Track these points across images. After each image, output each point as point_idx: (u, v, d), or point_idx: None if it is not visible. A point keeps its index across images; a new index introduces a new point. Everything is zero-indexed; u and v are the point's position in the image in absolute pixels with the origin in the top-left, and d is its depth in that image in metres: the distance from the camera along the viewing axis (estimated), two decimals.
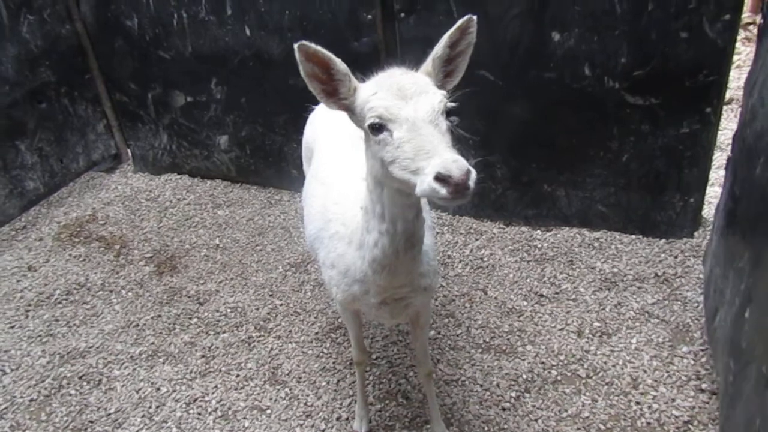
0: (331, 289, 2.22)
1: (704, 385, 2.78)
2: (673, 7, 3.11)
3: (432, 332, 3.22)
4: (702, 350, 2.96)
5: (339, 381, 3.05)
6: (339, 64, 1.70)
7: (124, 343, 3.40)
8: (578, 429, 2.67)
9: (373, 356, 3.16)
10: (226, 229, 4.33)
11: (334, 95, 1.75)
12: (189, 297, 3.70)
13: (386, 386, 2.99)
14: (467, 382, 2.95)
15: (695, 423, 2.63)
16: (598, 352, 3.03)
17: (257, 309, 3.55)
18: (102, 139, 5.12)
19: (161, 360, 3.27)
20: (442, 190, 1.46)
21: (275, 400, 2.97)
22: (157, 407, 2.99)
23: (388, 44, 3.81)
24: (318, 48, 1.66)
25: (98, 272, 3.98)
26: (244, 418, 2.89)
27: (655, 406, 2.73)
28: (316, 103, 1.82)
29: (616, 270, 3.53)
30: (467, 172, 1.45)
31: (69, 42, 4.70)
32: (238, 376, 3.12)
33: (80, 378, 3.19)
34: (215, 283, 3.80)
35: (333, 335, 3.33)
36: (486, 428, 2.72)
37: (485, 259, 3.74)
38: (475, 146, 3.76)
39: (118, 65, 4.74)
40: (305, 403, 2.94)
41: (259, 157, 4.68)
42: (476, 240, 3.92)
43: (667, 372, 2.88)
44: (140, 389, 3.10)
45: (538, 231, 3.94)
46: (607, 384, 2.86)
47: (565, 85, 3.49)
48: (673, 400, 2.74)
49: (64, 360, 3.30)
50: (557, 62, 3.45)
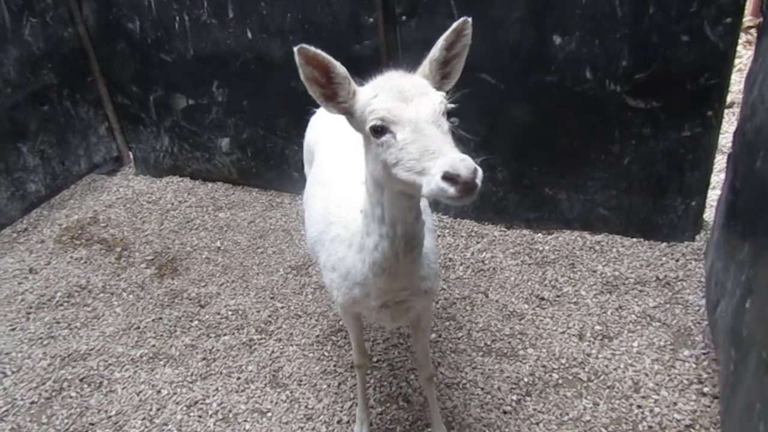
0: (332, 292, 2.22)
1: (706, 389, 2.77)
2: (674, 10, 3.11)
3: (433, 335, 3.22)
4: (704, 354, 2.95)
5: (340, 384, 3.04)
6: (338, 68, 1.70)
7: (125, 345, 3.40)
8: None
9: (374, 359, 3.15)
10: (227, 231, 4.33)
11: (334, 99, 1.75)
12: (190, 299, 3.70)
13: (387, 389, 2.99)
14: (468, 386, 2.94)
15: (697, 427, 2.62)
16: (600, 356, 3.02)
17: (258, 312, 3.55)
18: (103, 141, 5.13)
19: (162, 362, 3.27)
20: (450, 189, 1.45)
21: (276, 403, 2.97)
22: (158, 410, 2.99)
23: (389, 47, 3.82)
24: (317, 51, 1.66)
25: (99, 275, 3.99)
26: (245, 420, 2.89)
27: (657, 409, 2.72)
28: (318, 106, 1.82)
29: (617, 273, 3.52)
30: (474, 171, 1.45)
31: (71, 44, 4.71)
32: (238, 378, 3.12)
33: (81, 380, 3.19)
34: (216, 285, 3.80)
35: (334, 338, 3.33)
36: None
37: (486, 262, 3.74)
38: (477, 149, 3.76)
39: (120, 68, 4.75)
40: (306, 406, 2.93)
41: (261, 159, 4.68)
42: (477, 243, 3.92)
43: (669, 375, 2.87)
44: (141, 392, 3.10)
45: (540, 234, 3.93)
46: (608, 387, 2.86)
47: (566, 89, 3.49)
48: (675, 403, 2.74)
49: (64, 362, 3.30)
50: (558, 65, 3.45)
